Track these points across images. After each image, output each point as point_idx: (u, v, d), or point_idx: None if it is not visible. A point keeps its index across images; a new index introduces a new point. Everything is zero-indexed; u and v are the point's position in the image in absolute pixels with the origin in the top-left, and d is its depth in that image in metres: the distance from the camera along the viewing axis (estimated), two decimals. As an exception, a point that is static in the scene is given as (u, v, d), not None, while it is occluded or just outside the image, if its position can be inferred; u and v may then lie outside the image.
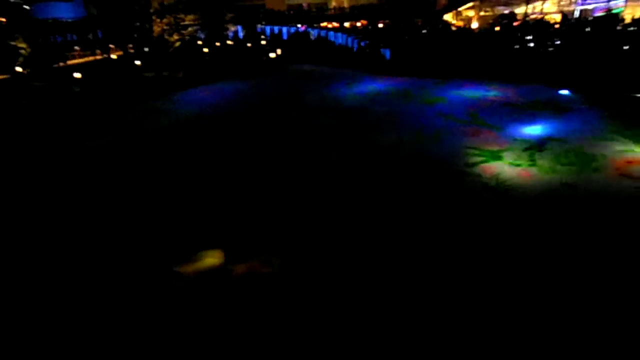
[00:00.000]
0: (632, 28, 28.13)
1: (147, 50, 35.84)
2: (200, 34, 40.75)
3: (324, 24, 54.73)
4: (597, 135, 15.90)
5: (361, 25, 53.17)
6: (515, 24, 37.33)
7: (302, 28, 48.31)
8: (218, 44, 38.84)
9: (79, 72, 29.71)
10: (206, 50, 38.37)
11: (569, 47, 26.67)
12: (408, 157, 15.58)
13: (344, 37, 42.05)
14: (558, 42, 28.67)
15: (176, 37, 35.87)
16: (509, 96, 21.23)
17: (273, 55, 37.24)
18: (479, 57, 27.65)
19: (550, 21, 36.31)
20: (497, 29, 35.76)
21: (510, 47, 29.03)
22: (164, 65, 32.65)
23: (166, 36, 35.23)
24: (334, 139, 17.39)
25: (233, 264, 9.87)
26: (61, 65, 33.96)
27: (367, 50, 36.55)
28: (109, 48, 38.89)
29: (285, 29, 48.69)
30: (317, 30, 46.49)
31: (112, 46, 39.15)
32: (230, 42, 44.43)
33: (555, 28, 32.20)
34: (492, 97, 21.44)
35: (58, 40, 42.13)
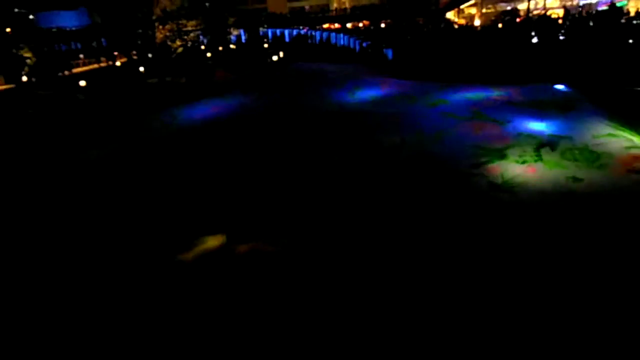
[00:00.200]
0: (636, 21, 27.82)
1: (150, 56, 36.06)
2: (202, 39, 40.98)
3: (326, 26, 54.83)
4: (602, 132, 15.70)
5: (363, 25, 53.16)
6: (518, 21, 37.13)
7: (304, 30, 48.41)
8: (221, 48, 39.01)
9: (83, 80, 29.96)
10: (209, 54, 38.59)
11: (573, 43, 26.43)
12: (411, 157, 15.50)
13: (345, 38, 42.05)
14: (562, 37, 28.47)
15: (178, 42, 36.09)
16: (512, 96, 21.06)
17: (275, 58, 37.32)
18: (482, 56, 27.48)
19: (553, 16, 36.02)
20: (500, 26, 35.51)
21: (514, 44, 28.83)
22: (167, 71, 32.82)
23: (169, 42, 35.44)
24: (337, 141, 17.31)
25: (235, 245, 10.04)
26: (66, 73, 34.25)
27: (369, 51, 36.52)
28: (113, 55, 39.22)
29: (287, 31, 48.83)
30: (318, 33, 46.59)
31: (117, 53, 39.50)
32: (233, 46, 44.67)
33: (558, 23, 31.90)
34: (495, 96, 21.28)
35: (63, 49, 42.65)
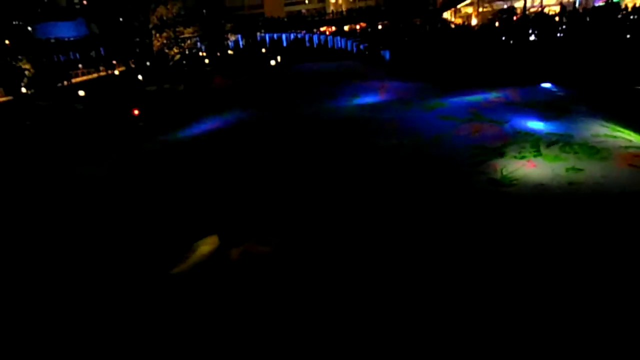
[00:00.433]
0: (634, 16, 27.75)
1: (148, 64, 36.21)
2: (200, 46, 41.16)
3: (323, 29, 54.97)
4: (601, 132, 15.64)
5: (360, 27, 53.27)
6: (515, 19, 37.09)
7: (301, 34, 48.58)
8: (219, 54, 39.14)
9: (82, 89, 30.09)
10: (207, 61, 38.76)
11: (570, 41, 26.37)
12: (409, 157, 15.44)
13: (342, 41, 42.18)
14: (559, 35, 28.41)
15: (176, 50, 36.24)
16: (509, 98, 20.98)
17: (273, 62, 37.44)
18: (480, 56, 27.44)
19: (550, 13, 35.98)
20: (497, 25, 35.48)
21: (511, 43, 28.80)
22: (165, 78, 32.94)
23: (166, 50, 35.59)
24: (333, 146, 17.24)
25: (229, 248, 10.01)
26: (65, 84, 34.41)
27: (366, 53, 36.58)
28: (112, 64, 39.42)
29: (284, 35, 49.03)
30: (315, 36, 46.73)
31: (115, 62, 39.69)
32: (230, 52, 44.84)
33: (555, 21, 31.86)
34: (493, 98, 21.20)
35: (61, 59, 42.89)
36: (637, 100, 17.97)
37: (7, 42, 37.84)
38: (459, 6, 51.29)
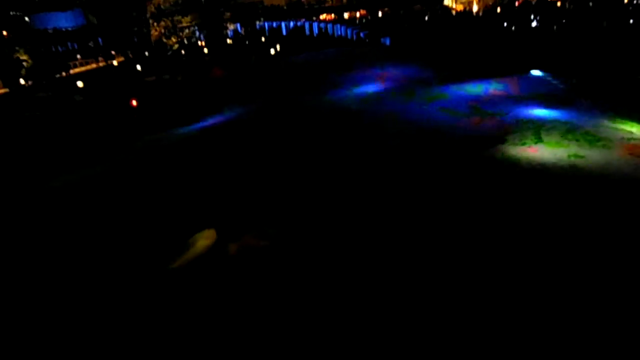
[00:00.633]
0: (637, 1, 27.35)
1: (147, 54, 35.89)
2: (199, 35, 40.71)
3: (323, 17, 54.38)
4: (602, 122, 15.57)
5: (360, 15, 52.70)
6: (517, 4, 36.64)
7: (300, 22, 48.03)
8: (217, 44, 38.75)
9: (80, 80, 29.88)
10: (206, 51, 38.35)
11: (571, 27, 26.02)
12: (409, 146, 15.36)
13: (343, 28, 41.72)
14: (563, 21, 28.06)
15: (174, 39, 35.86)
16: (509, 89, 20.71)
17: (273, 51, 37.07)
18: (480, 44, 27.13)
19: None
20: (498, 11, 35.05)
21: (513, 30, 28.44)
22: (164, 68, 32.65)
23: (164, 39, 35.22)
24: (333, 137, 17.11)
25: (227, 242, 10.02)
26: (64, 75, 34.18)
27: (367, 41, 36.21)
28: (110, 55, 39.08)
29: (284, 24, 48.47)
30: (315, 24, 46.20)
31: (114, 52, 39.36)
32: (229, 41, 44.40)
33: (557, 6, 31.43)
34: (493, 90, 20.93)
35: (60, 50, 42.50)
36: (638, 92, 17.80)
37: (4, 32, 37.57)
38: (460, -8, 50.62)
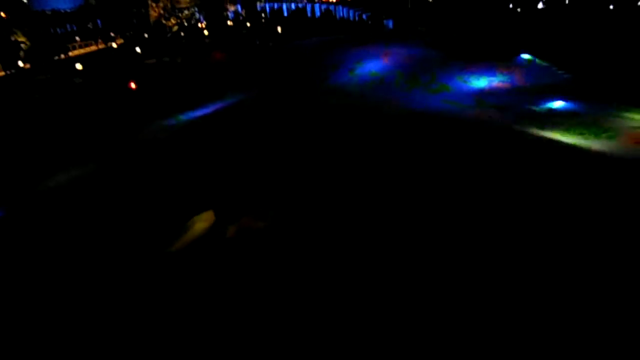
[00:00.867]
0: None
1: (146, 36, 35.47)
2: (199, 16, 40.09)
3: (325, -2, 53.38)
4: (609, 112, 15.41)
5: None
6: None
7: (302, 4, 47.18)
8: (217, 26, 38.17)
9: (80, 63, 29.65)
10: (206, 32, 37.85)
11: (576, 11, 25.40)
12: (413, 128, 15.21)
13: (345, 10, 41.05)
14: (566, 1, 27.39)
15: (173, 21, 35.36)
16: (515, 81, 20.27)
17: (274, 34, 36.60)
18: (486, 27, 26.59)
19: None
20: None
21: (519, 12, 27.83)
22: (164, 51, 32.32)
23: (163, 20, 34.74)
24: (335, 126, 16.93)
25: (225, 224, 10.03)
26: (62, 57, 33.92)
27: (369, 23, 35.65)
28: (109, 37, 38.66)
29: (285, 5, 47.65)
30: (317, 5, 45.39)
31: (113, 34, 38.93)
32: (230, 23, 43.77)
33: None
34: (498, 82, 20.50)
35: (59, 32, 42.06)
36: None
37: (2, 14, 37.13)
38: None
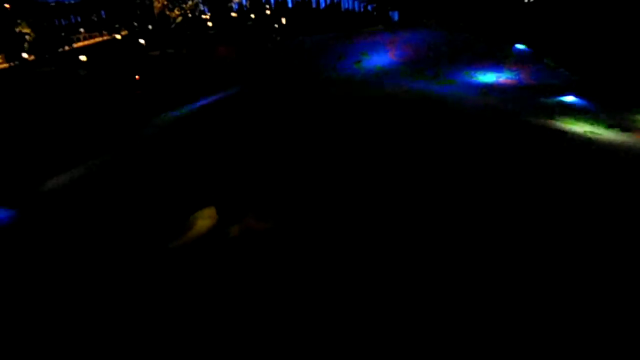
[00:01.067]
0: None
1: (150, 28, 35.31)
2: (203, 8, 39.77)
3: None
4: (617, 113, 15.22)
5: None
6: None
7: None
8: (221, 18, 37.90)
9: (84, 55, 29.59)
10: (210, 24, 37.57)
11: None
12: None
13: (350, 1, 40.63)
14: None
15: (177, 12, 35.15)
16: (521, 79, 20.05)
17: (277, 25, 36.33)
18: (493, 17, 26.22)
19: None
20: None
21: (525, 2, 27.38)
22: (168, 42, 32.17)
23: (167, 12, 34.53)
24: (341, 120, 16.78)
25: (228, 223, 9.97)
26: (67, 49, 33.83)
27: (374, 14, 35.30)
28: (113, 28, 38.45)
29: (290, -5, 47.13)
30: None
31: (117, 26, 38.73)
32: (234, 14, 43.41)
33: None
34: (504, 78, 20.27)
35: (63, 23, 41.86)
36: None
37: (6, 5, 36.98)
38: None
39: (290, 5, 45.46)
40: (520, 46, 21.67)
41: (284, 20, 37.03)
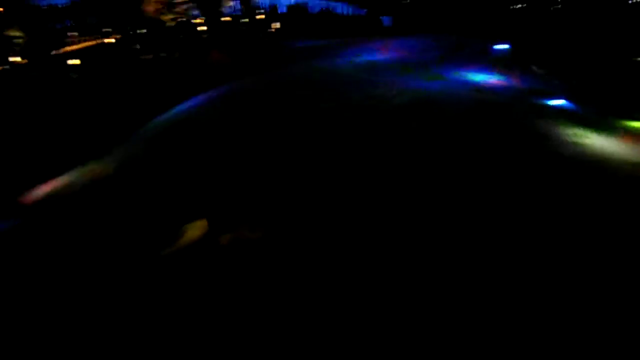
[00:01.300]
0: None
1: (143, 32, 35.34)
2: (195, 12, 39.74)
3: (324, -7, 53.06)
4: (606, 120, 15.37)
5: (362, -9, 51.38)
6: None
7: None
8: (214, 22, 38.01)
9: (76, 58, 29.54)
10: (203, 28, 37.54)
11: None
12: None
13: (343, 6, 40.88)
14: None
15: (170, 16, 35.22)
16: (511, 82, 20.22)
17: (271, 30, 36.51)
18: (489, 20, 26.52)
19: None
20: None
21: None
22: (160, 46, 32.19)
23: (159, 16, 34.57)
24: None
25: (219, 233, 9.91)
26: (59, 52, 33.76)
27: (366, 19, 35.53)
28: (106, 32, 38.34)
29: (284, 0, 47.33)
30: (317, 1, 45.11)
31: (110, 30, 38.62)
32: (228, 19, 43.46)
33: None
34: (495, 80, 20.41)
35: (57, 27, 41.72)
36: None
37: (0, 9, 36.82)
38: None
39: (285, 10, 45.64)
40: (509, 49, 21.92)
41: (278, 25, 37.16)
